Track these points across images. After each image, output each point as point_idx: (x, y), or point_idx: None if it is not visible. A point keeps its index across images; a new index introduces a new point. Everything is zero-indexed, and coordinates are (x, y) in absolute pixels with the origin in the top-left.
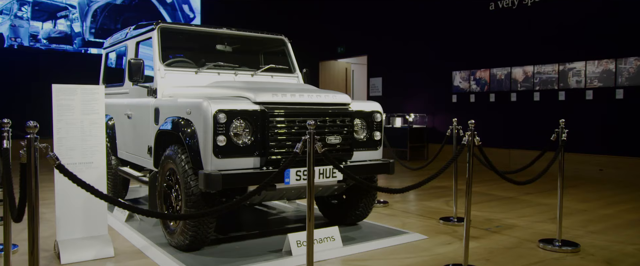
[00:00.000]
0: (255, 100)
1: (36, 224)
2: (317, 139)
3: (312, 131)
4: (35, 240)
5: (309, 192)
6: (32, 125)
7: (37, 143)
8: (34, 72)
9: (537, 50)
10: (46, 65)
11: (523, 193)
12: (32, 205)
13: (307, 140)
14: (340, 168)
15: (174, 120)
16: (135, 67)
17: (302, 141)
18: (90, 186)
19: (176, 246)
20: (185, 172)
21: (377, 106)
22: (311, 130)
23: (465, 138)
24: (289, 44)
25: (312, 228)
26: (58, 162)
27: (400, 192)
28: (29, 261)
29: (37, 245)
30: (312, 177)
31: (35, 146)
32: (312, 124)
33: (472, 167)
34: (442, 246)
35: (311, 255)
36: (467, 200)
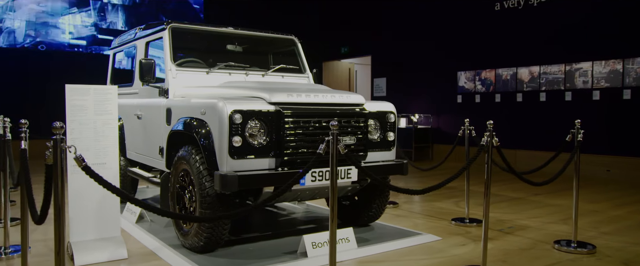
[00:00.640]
0: (271, 101)
1: (62, 225)
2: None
3: (335, 132)
4: (62, 241)
5: (332, 192)
6: (58, 126)
7: (64, 144)
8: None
9: (543, 50)
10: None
11: (531, 193)
12: (58, 206)
13: (330, 141)
14: (364, 170)
15: (187, 121)
16: (146, 67)
17: (325, 142)
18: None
19: (190, 248)
20: (199, 172)
21: (390, 106)
22: (334, 130)
23: (484, 139)
24: (299, 43)
25: (335, 229)
26: (84, 164)
27: (422, 193)
28: (56, 262)
29: (64, 246)
30: (335, 178)
31: (62, 147)
32: (335, 125)
33: (490, 169)
34: (457, 247)
35: (334, 256)
36: (485, 202)
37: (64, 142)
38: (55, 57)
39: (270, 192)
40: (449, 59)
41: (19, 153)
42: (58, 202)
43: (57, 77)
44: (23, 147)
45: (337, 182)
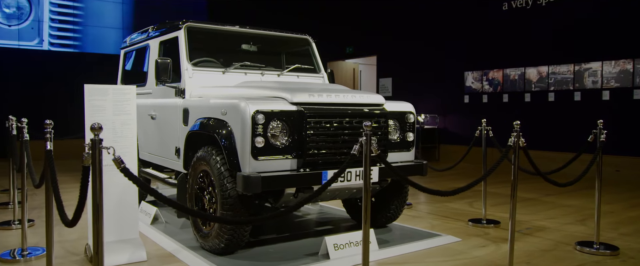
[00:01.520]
0: (292, 101)
1: (101, 225)
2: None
3: (368, 132)
4: (100, 241)
5: (365, 193)
6: (97, 127)
7: (102, 145)
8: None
9: (551, 50)
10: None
11: (543, 194)
12: (97, 206)
13: (364, 141)
14: (395, 171)
15: (206, 121)
16: (162, 66)
17: (359, 142)
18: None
19: (209, 250)
20: (221, 173)
21: (410, 107)
22: (367, 131)
23: (511, 140)
24: (314, 43)
25: (368, 230)
26: (123, 165)
27: (452, 194)
28: (94, 262)
29: (102, 247)
30: (369, 179)
31: (100, 148)
32: (369, 125)
33: (517, 170)
34: (478, 249)
35: (367, 257)
36: (512, 203)
37: (102, 143)
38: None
39: (291, 193)
40: (456, 59)
41: (45, 153)
42: (96, 202)
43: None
44: (48, 148)
45: (369, 183)
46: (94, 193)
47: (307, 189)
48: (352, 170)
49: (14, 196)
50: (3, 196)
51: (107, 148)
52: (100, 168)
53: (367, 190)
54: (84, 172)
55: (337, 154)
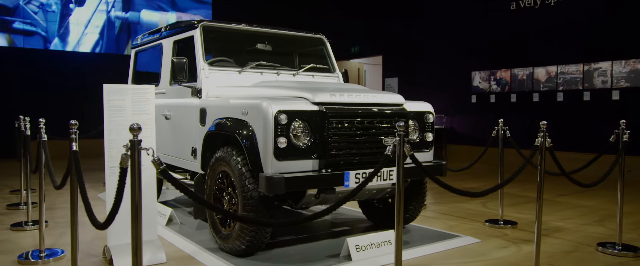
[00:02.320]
0: (314, 101)
1: (139, 226)
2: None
3: (402, 133)
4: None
5: (398, 194)
6: (136, 128)
7: (141, 146)
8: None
9: (560, 50)
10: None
11: (556, 194)
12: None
13: (397, 142)
14: (426, 171)
15: (226, 121)
16: (179, 66)
17: (392, 143)
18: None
19: (229, 252)
20: (242, 174)
21: (429, 107)
22: (401, 131)
23: (537, 140)
24: (328, 43)
25: (400, 232)
26: (162, 167)
27: (482, 196)
28: (133, 262)
29: (141, 247)
30: (402, 180)
31: (139, 149)
32: (402, 125)
33: (543, 171)
34: (499, 250)
35: (399, 257)
36: (538, 205)
37: (141, 144)
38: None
39: (313, 194)
40: (463, 59)
41: (70, 154)
42: (135, 202)
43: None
44: (74, 149)
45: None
46: (133, 194)
47: (329, 190)
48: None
49: (28, 197)
50: (12, 197)
51: (146, 149)
52: (140, 169)
53: (400, 191)
54: (121, 173)
55: (359, 155)
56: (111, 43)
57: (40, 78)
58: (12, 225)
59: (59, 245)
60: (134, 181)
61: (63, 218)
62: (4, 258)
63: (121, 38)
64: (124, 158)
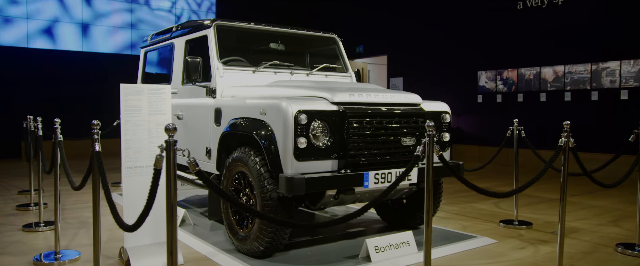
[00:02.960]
0: (333, 101)
1: (175, 227)
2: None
3: (431, 133)
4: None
5: (427, 195)
6: (171, 128)
7: (176, 147)
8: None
9: (568, 49)
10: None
11: (568, 194)
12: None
13: (426, 143)
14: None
15: (242, 121)
16: (193, 65)
17: (423, 144)
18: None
19: (247, 253)
20: (260, 175)
21: (446, 107)
22: (430, 132)
23: (561, 140)
24: (341, 42)
25: (430, 234)
26: (198, 168)
27: (506, 196)
28: (168, 263)
29: (176, 248)
30: (431, 181)
31: (175, 150)
32: (432, 125)
33: (567, 172)
34: (517, 251)
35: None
36: (561, 207)
37: (176, 145)
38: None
39: (332, 195)
40: (469, 58)
41: (93, 155)
42: (170, 203)
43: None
44: (97, 149)
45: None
46: (168, 195)
47: (349, 191)
48: (392, 171)
49: (40, 198)
50: (21, 197)
51: (182, 150)
52: (175, 170)
53: (430, 191)
54: (155, 174)
55: (377, 155)
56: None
57: (42, 79)
58: (24, 226)
59: (73, 246)
60: (169, 182)
61: (74, 219)
62: (18, 260)
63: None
64: (159, 159)
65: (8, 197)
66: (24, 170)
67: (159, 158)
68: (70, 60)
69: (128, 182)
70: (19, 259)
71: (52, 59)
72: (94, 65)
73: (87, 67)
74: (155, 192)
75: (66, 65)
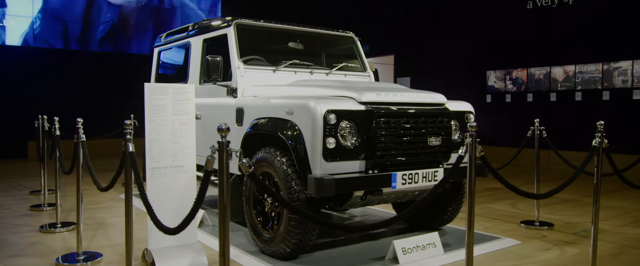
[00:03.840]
0: (361, 100)
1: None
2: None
3: (473, 133)
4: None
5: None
6: (224, 128)
7: (230, 148)
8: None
9: (578, 49)
10: None
11: (583, 195)
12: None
13: (469, 143)
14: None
15: (267, 121)
16: (213, 65)
17: (466, 145)
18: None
19: (272, 255)
20: (287, 175)
21: (469, 106)
22: (472, 132)
23: (595, 141)
24: (358, 41)
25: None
26: (251, 170)
27: (545, 197)
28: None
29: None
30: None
31: (228, 151)
32: (474, 126)
33: (600, 173)
34: (542, 252)
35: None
36: (594, 209)
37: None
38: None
39: (359, 196)
40: (478, 58)
41: (126, 156)
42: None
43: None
44: (130, 150)
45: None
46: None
47: (376, 191)
48: (420, 172)
49: (57, 198)
50: (33, 197)
51: (235, 151)
52: (228, 171)
53: (472, 192)
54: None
55: (404, 155)
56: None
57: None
58: (41, 227)
59: (93, 247)
60: (221, 183)
61: (90, 220)
62: (40, 262)
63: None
64: (210, 161)
65: (20, 198)
66: (32, 170)
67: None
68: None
69: (152, 183)
70: (41, 261)
71: (54, 58)
72: (96, 65)
73: (89, 67)
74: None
75: (68, 64)
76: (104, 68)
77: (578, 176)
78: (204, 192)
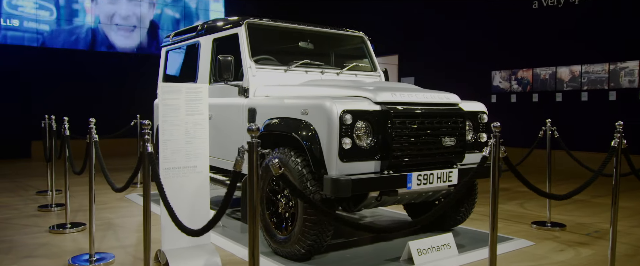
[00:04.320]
0: (376, 100)
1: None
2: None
3: (497, 134)
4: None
5: (493, 197)
6: (254, 129)
7: (260, 149)
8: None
9: (585, 49)
10: None
11: (592, 195)
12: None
13: (493, 145)
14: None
15: (281, 122)
16: (225, 64)
17: (489, 145)
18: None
19: (286, 256)
20: (302, 176)
21: (482, 107)
22: (496, 132)
23: (614, 142)
24: (369, 41)
25: (495, 238)
26: (281, 171)
27: (565, 198)
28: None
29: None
30: (498, 183)
31: (258, 151)
32: (498, 126)
33: (619, 174)
34: (557, 253)
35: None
36: (613, 211)
37: (259, 147)
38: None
39: (374, 197)
40: (482, 58)
41: (144, 156)
42: (253, 205)
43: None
44: (149, 150)
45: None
46: (251, 197)
47: (392, 192)
48: (434, 172)
49: (66, 198)
50: (39, 198)
51: (264, 151)
52: (258, 172)
53: (496, 194)
54: (233, 177)
55: (419, 155)
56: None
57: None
58: (51, 228)
59: (103, 248)
60: (251, 184)
61: (99, 220)
62: (52, 263)
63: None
64: (239, 162)
65: (27, 198)
66: (35, 170)
67: (239, 160)
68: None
69: (166, 184)
70: (53, 262)
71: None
72: (98, 65)
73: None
74: (232, 194)
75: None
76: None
77: (597, 178)
78: (231, 193)
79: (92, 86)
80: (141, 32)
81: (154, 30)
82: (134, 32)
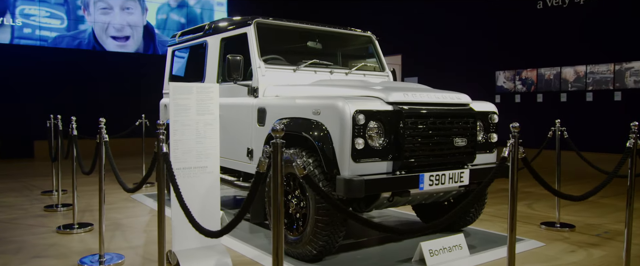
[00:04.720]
0: (388, 100)
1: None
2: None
3: (516, 134)
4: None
5: (511, 200)
6: (278, 129)
7: (284, 149)
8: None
9: (590, 49)
10: None
11: (599, 196)
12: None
13: (511, 145)
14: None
15: (291, 121)
16: (234, 64)
17: (508, 145)
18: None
19: (297, 257)
20: (314, 176)
21: (493, 107)
22: (515, 132)
23: (629, 142)
24: (377, 41)
25: (513, 239)
26: (305, 172)
27: (582, 199)
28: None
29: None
30: (517, 183)
31: (282, 152)
32: (517, 126)
33: (634, 174)
34: (568, 254)
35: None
36: (628, 211)
37: (284, 147)
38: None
39: (386, 197)
40: (487, 58)
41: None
42: (277, 205)
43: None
44: (164, 150)
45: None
46: (275, 198)
47: (404, 193)
48: (446, 173)
49: (74, 199)
50: (45, 198)
51: (289, 152)
52: (282, 173)
53: (514, 195)
54: (256, 178)
55: (431, 156)
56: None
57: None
58: (58, 228)
59: (112, 249)
60: (275, 184)
61: (106, 220)
62: (61, 263)
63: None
64: (263, 163)
65: (33, 198)
66: (39, 169)
67: (263, 161)
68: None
69: (180, 184)
70: (62, 262)
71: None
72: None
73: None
74: (255, 194)
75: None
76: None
77: (612, 179)
78: (253, 194)
79: (93, 86)
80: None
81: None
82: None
